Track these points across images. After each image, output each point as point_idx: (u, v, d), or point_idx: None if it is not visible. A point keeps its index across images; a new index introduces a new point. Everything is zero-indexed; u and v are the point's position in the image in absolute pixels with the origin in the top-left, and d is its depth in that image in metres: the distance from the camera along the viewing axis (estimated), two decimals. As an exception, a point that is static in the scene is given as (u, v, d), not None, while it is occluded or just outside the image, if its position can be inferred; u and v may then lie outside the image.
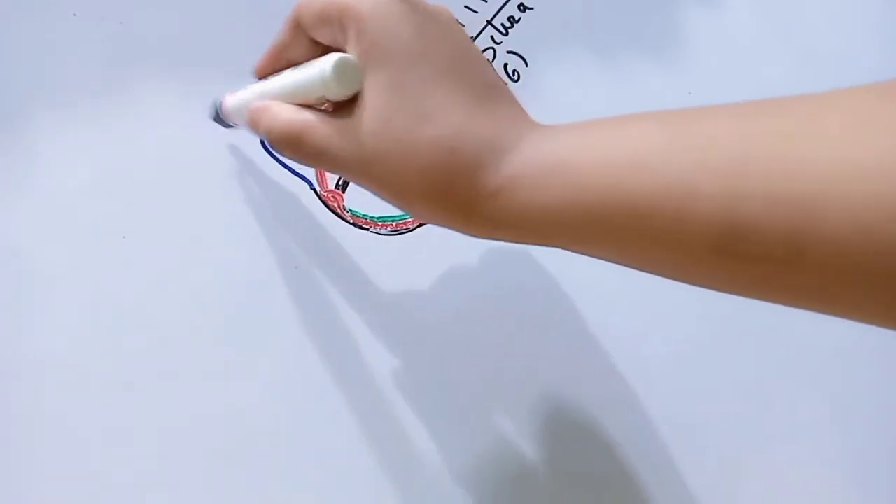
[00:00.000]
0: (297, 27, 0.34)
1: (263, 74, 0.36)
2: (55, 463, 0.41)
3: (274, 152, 0.45)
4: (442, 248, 0.46)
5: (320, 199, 0.45)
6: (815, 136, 0.24)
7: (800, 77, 0.52)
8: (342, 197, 0.45)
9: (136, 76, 0.44)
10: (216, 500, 0.43)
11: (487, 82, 0.31)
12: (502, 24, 0.48)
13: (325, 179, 0.45)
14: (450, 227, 0.31)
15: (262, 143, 0.45)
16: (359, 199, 0.45)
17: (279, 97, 0.34)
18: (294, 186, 0.45)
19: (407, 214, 0.46)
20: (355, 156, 0.30)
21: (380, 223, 0.46)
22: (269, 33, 0.45)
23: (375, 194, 0.32)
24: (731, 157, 0.25)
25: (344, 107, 0.31)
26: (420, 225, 0.46)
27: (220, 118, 0.41)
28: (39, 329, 0.42)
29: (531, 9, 0.48)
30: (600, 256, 0.30)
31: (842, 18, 0.53)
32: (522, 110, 0.31)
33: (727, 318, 0.48)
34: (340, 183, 0.46)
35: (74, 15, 0.43)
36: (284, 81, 0.35)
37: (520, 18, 0.48)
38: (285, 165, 0.45)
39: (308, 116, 0.32)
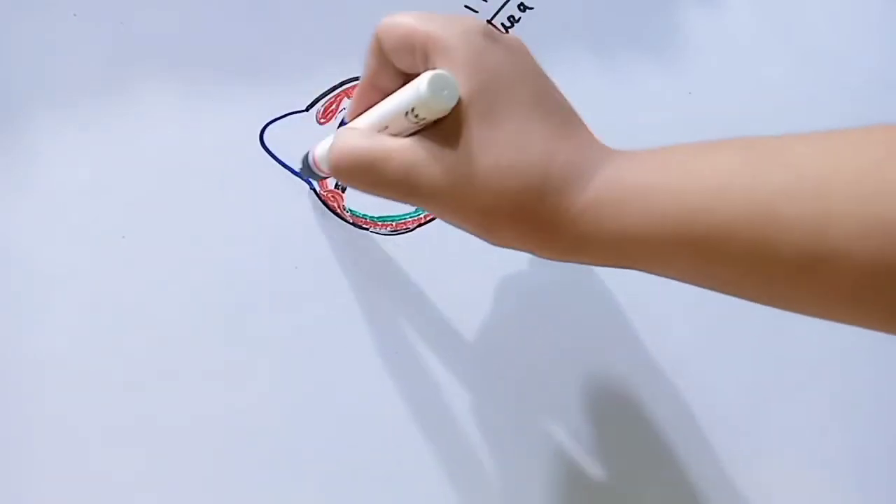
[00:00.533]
0: (381, 53, 0.33)
1: (357, 112, 0.35)
2: (55, 463, 0.41)
3: (273, 151, 0.45)
4: (441, 248, 0.46)
5: (320, 199, 0.45)
6: None
7: (800, 77, 0.52)
8: (342, 197, 0.45)
9: (136, 76, 0.44)
10: (216, 500, 0.43)
11: (565, 109, 0.32)
12: (502, 24, 0.48)
13: (325, 179, 0.45)
14: (531, 250, 0.32)
15: (262, 142, 0.45)
16: (358, 199, 0.45)
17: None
18: (294, 186, 0.45)
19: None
20: (443, 182, 0.30)
21: (380, 223, 0.46)
22: (269, 33, 0.45)
23: (453, 220, 0.32)
24: (816, 182, 0.26)
25: (428, 135, 0.31)
26: (419, 225, 0.46)
27: (311, 170, 0.40)
28: (39, 329, 0.42)
29: (531, 8, 0.48)
30: (677, 278, 0.31)
31: (842, 18, 0.53)
32: (595, 136, 0.32)
33: (726, 319, 0.48)
34: (340, 183, 0.46)
35: (74, 15, 0.43)
36: (372, 112, 0.34)
37: (520, 18, 0.48)
38: (285, 165, 0.45)
39: (385, 141, 0.31)
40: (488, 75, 0.30)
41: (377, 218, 0.46)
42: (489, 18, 0.48)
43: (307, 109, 0.45)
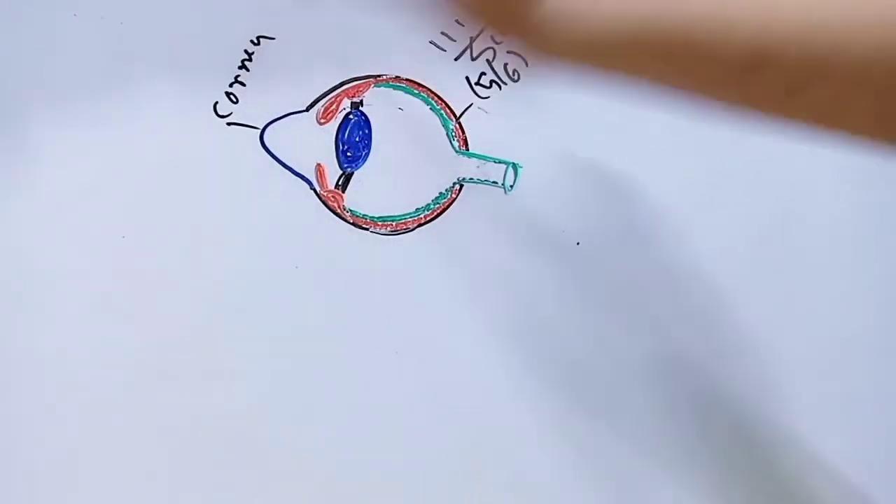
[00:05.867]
0: None
1: None
2: (55, 463, 0.41)
3: (273, 151, 0.45)
4: (442, 248, 0.46)
5: (320, 199, 0.45)
6: None
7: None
8: (342, 197, 0.45)
9: (136, 76, 0.44)
10: (216, 499, 0.43)
11: None
12: (502, 24, 0.48)
13: (325, 179, 0.45)
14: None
15: (262, 142, 0.45)
16: (359, 199, 0.45)
17: None
18: (294, 186, 0.45)
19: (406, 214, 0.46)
20: None
21: (379, 223, 0.46)
22: (269, 34, 0.45)
23: None
24: None
25: None
26: (419, 225, 0.46)
27: None
28: (39, 329, 0.42)
29: (531, 8, 0.48)
30: (632, 78, 0.33)
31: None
32: None
33: (726, 318, 0.48)
34: (340, 183, 0.46)
35: (74, 15, 0.43)
36: None
37: (520, 18, 0.48)
38: (285, 165, 0.45)
39: None
40: None
41: (377, 218, 0.46)
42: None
43: (307, 109, 0.45)
